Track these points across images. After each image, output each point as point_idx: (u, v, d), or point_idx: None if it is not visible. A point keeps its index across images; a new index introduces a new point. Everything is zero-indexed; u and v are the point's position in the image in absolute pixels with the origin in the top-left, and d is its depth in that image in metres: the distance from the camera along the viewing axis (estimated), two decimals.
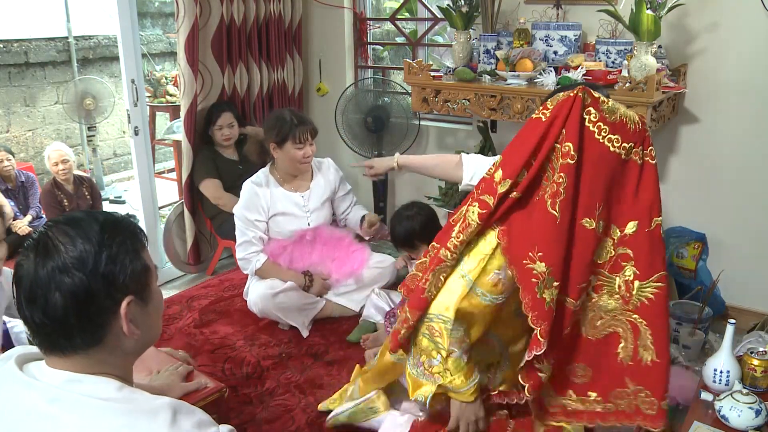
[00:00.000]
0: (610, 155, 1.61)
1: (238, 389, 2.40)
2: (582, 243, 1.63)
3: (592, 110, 1.61)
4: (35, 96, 5.38)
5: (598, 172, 1.62)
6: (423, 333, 1.74)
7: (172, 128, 4.92)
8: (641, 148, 1.64)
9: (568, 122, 1.61)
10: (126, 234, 1.02)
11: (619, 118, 1.62)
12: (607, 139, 1.61)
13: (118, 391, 0.97)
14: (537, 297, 1.60)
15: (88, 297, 0.95)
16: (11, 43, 5.12)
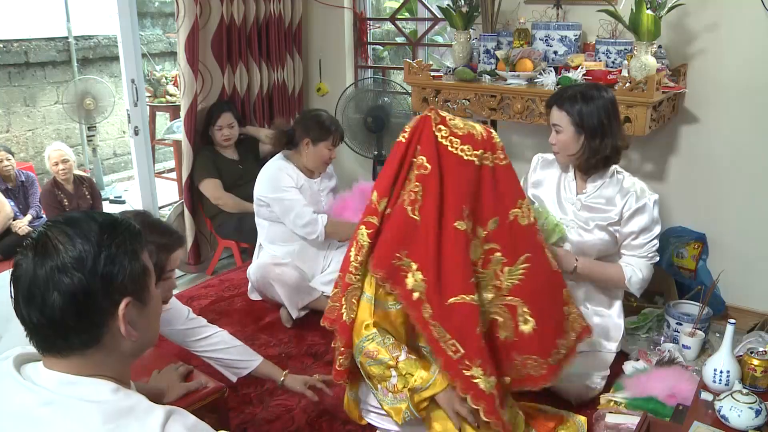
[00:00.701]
0: (466, 163, 1.79)
1: (238, 389, 2.40)
2: (455, 244, 1.77)
3: (442, 127, 1.80)
4: (35, 96, 5.39)
5: (458, 179, 1.79)
6: (366, 363, 1.82)
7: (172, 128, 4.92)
8: (490, 153, 1.81)
9: (422, 139, 1.80)
10: (125, 235, 1.01)
11: (467, 131, 1.81)
12: (460, 149, 1.79)
13: (113, 393, 0.96)
14: (407, 289, 1.76)
15: (86, 297, 0.95)
16: (11, 43, 5.13)
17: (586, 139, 2.18)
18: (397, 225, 1.79)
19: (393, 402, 1.83)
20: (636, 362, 2.38)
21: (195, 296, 3.17)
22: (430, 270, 1.76)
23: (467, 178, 1.79)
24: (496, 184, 1.82)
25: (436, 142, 1.79)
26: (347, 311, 1.85)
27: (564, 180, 2.37)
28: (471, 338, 1.76)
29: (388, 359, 1.79)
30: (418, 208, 1.77)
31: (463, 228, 1.77)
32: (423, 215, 1.77)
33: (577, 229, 2.30)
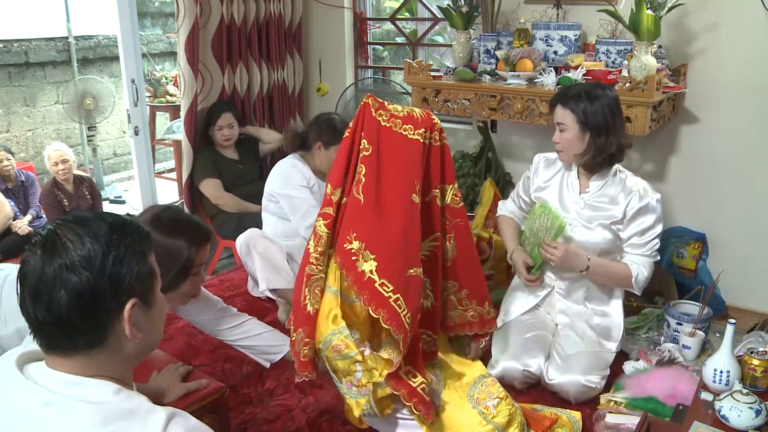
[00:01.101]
0: (412, 141, 1.86)
1: (238, 389, 2.40)
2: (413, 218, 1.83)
3: (382, 111, 1.87)
4: (35, 96, 5.38)
5: (407, 155, 1.85)
6: (332, 357, 1.83)
7: (172, 128, 4.92)
8: (430, 132, 1.88)
9: (364, 125, 1.87)
10: (134, 236, 1.02)
11: (406, 112, 1.89)
12: (403, 129, 1.86)
13: (115, 394, 0.96)
14: (357, 271, 1.78)
15: (93, 296, 0.95)
16: (11, 43, 5.13)
17: (592, 137, 2.19)
18: (349, 209, 1.85)
19: (355, 395, 1.87)
20: (636, 362, 2.38)
21: None
22: (379, 246, 1.79)
23: (414, 154, 1.85)
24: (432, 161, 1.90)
25: (379, 126, 1.86)
26: (311, 302, 1.87)
27: (567, 179, 2.38)
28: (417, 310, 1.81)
29: (355, 354, 1.81)
30: (362, 188, 1.83)
31: (417, 201, 1.84)
32: (366, 194, 1.82)
33: (580, 228, 2.31)
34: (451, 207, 1.97)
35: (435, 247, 1.95)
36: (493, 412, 1.93)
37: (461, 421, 1.93)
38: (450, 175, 1.96)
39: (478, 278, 2.09)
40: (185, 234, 1.68)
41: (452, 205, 1.97)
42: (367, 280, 1.75)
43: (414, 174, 1.85)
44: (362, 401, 1.86)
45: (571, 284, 2.40)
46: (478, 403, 1.95)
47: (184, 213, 1.79)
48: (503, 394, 1.98)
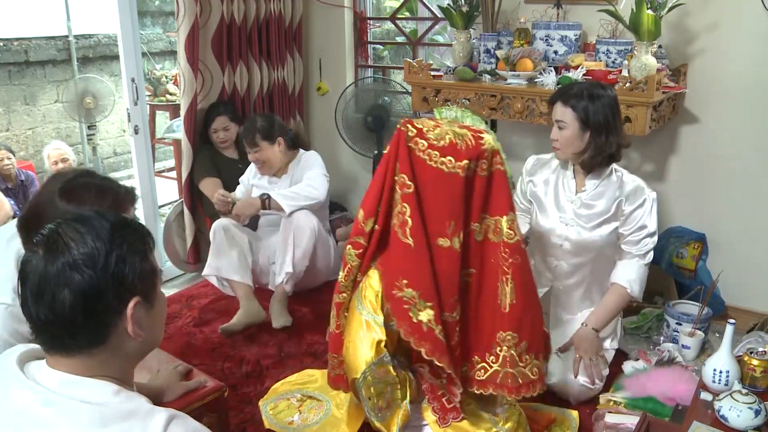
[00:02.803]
0: (448, 176, 1.71)
1: (237, 388, 2.40)
2: (441, 261, 1.73)
3: (418, 140, 1.72)
4: (35, 94, 5.38)
5: (438, 194, 1.72)
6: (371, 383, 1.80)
7: (172, 127, 4.92)
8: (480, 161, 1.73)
9: (399, 156, 1.73)
10: (136, 235, 1.02)
11: (448, 141, 1.71)
12: (440, 162, 1.71)
13: (115, 395, 0.96)
14: (413, 321, 1.71)
15: (96, 295, 0.95)
16: (11, 41, 5.13)
17: (592, 136, 2.19)
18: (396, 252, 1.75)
19: (384, 417, 1.85)
20: (635, 362, 2.38)
21: (194, 295, 3.17)
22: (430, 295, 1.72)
23: (451, 192, 1.72)
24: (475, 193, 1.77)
25: (414, 156, 1.72)
26: (344, 327, 1.90)
27: (562, 179, 2.38)
28: None
29: (393, 377, 1.81)
30: (409, 231, 1.72)
31: (447, 245, 1.72)
32: (414, 236, 1.72)
33: (576, 228, 2.31)
34: (507, 243, 1.78)
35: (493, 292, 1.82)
36: (502, 417, 1.94)
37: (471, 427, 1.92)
38: (501, 205, 1.78)
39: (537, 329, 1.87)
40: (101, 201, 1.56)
41: (507, 240, 1.77)
42: (427, 330, 1.70)
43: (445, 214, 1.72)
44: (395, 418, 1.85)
45: (570, 284, 2.41)
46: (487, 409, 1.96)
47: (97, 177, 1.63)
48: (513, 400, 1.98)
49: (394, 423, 1.85)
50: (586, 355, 2.23)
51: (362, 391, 1.82)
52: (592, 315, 2.29)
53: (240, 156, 3.49)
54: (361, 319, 1.81)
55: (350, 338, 1.84)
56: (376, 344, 1.77)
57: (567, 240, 2.32)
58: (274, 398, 2.27)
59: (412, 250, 1.72)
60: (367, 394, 1.82)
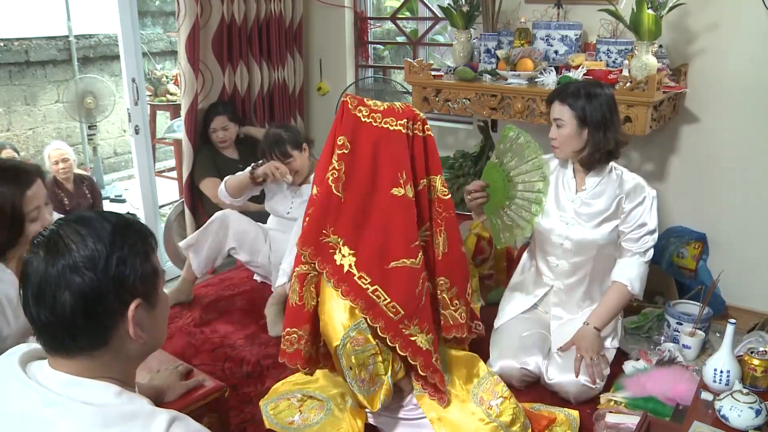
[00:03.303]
0: (394, 133, 1.89)
1: (238, 388, 2.40)
2: (394, 211, 1.86)
3: (361, 108, 1.90)
4: (36, 95, 5.39)
5: (390, 148, 1.88)
6: (350, 352, 1.83)
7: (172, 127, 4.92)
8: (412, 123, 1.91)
9: (342, 122, 1.91)
10: (137, 236, 1.02)
11: (386, 106, 1.93)
12: (384, 122, 1.89)
13: (117, 396, 0.96)
14: (336, 264, 1.83)
15: (97, 297, 0.95)
16: (12, 41, 5.13)
17: (590, 133, 2.20)
18: (322, 203, 1.88)
19: (368, 391, 1.87)
20: (636, 362, 2.38)
21: (195, 295, 3.17)
22: (357, 243, 1.84)
23: (398, 145, 1.88)
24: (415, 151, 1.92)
25: (359, 123, 1.89)
26: (307, 300, 1.93)
27: (562, 178, 2.38)
28: (410, 299, 1.85)
29: (372, 346, 1.84)
30: (342, 186, 1.86)
31: (401, 194, 1.86)
32: (347, 191, 1.86)
33: (577, 227, 2.31)
34: (441, 198, 1.97)
35: (428, 236, 1.96)
36: (497, 411, 1.94)
37: (466, 419, 1.93)
38: (436, 166, 1.97)
39: (465, 276, 2.07)
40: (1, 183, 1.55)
41: (441, 197, 1.97)
42: (346, 273, 1.82)
43: (397, 166, 1.87)
44: (379, 393, 1.87)
45: (570, 284, 2.41)
46: (481, 402, 1.96)
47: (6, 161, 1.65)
48: (507, 394, 1.99)
49: (378, 398, 1.88)
50: (587, 354, 2.23)
51: (343, 359, 1.84)
52: (594, 313, 2.29)
53: (240, 156, 3.49)
54: (330, 290, 1.86)
55: (324, 309, 1.88)
56: (350, 309, 1.83)
57: (568, 239, 2.32)
58: (275, 398, 2.27)
59: (342, 203, 1.86)
60: (348, 363, 1.84)
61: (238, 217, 3.02)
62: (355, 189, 1.87)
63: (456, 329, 2.02)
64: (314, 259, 1.86)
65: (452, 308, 2.02)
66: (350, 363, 1.84)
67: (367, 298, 1.82)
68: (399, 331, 1.84)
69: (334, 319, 1.85)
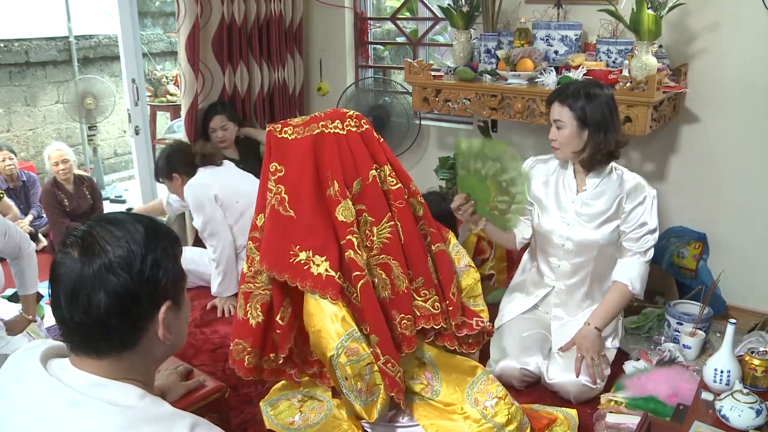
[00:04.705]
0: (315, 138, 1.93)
1: (238, 389, 2.40)
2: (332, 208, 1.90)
3: (286, 129, 1.95)
4: (36, 95, 5.39)
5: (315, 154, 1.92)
6: (345, 363, 1.81)
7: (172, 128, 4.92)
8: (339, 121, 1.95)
9: (271, 150, 1.96)
10: (168, 239, 1.02)
11: (307, 117, 1.98)
12: (308, 130, 1.94)
13: (141, 399, 0.96)
14: (314, 275, 1.84)
15: (131, 298, 0.96)
16: (12, 42, 5.13)
17: (590, 134, 2.20)
18: (275, 228, 1.90)
19: (366, 402, 1.86)
20: (636, 362, 2.38)
21: (195, 296, 3.17)
22: (323, 249, 1.85)
23: (325, 147, 1.92)
24: (351, 147, 1.94)
25: (286, 143, 1.94)
26: (252, 316, 1.97)
27: (563, 179, 2.38)
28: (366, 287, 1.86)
29: (367, 355, 1.81)
30: (288, 204, 1.89)
31: (329, 194, 1.89)
32: (295, 208, 1.89)
33: (578, 227, 2.31)
34: (390, 189, 1.97)
35: (392, 227, 1.95)
36: (491, 411, 1.94)
37: (459, 423, 1.93)
38: (380, 157, 1.98)
39: (434, 266, 2.02)
40: None
41: (390, 187, 1.97)
42: (326, 278, 1.83)
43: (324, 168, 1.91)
44: (376, 403, 1.86)
45: (571, 284, 2.41)
46: (476, 403, 1.96)
47: None
48: (502, 393, 1.98)
49: (374, 409, 1.87)
50: (588, 354, 2.23)
51: (338, 370, 1.83)
52: (594, 313, 2.29)
53: (240, 156, 3.49)
54: (318, 303, 1.85)
55: (313, 323, 1.86)
56: (341, 319, 1.83)
57: (569, 240, 2.32)
58: (275, 398, 2.27)
59: (295, 220, 1.88)
60: (343, 374, 1.83)
61: None
62: (301, 202, 1.89)
63: (425, 320, 1.95)
64: (294, 281, 1.85)
65: (420, 298, 1.96)
66: (345, 373, 1.82)
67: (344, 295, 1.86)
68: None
69: (325, 331, 1.83)
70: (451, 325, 1.99)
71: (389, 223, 1.94)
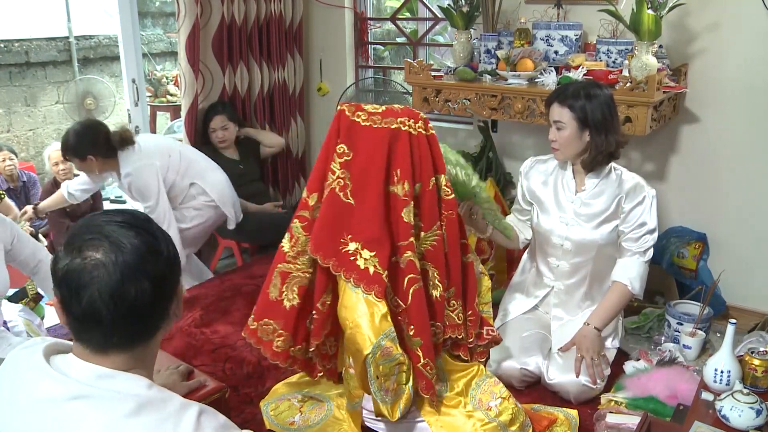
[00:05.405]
0: (392, 132, 1.89)
1: (239, 389, 2.40)
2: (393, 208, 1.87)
3: (359, 113, 1.91)
4: (36, 96, 5.39)
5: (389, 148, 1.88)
6: (380, 362, 1.79)
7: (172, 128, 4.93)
8: (413, 121, 1.90)
9: (341, 130, 1.91)
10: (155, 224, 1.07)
11: (385, 107, 1.94)
12: (384, 122, 1.89)
13: (149, 388, 0.98)
14: (360, 269, 1.83)
15: (166, 281, 1.01)
16: (12, 42, 5.13)
17: (591, 135, 2.19)
18: (332, 213, 1.87)
19: (389, 399, 1.84)
20: (637, 362, 2.38)
21: (196, 296, 3.17)
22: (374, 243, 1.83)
23: (398, 143, 1.88)
24: (420, 150, 1.91)
25: (358, 127, 1.89)
26: (287, 298, 1.94)
27: (562, 179, 2.38)
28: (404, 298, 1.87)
29: (399, 355, 1.80)
30: (350, 192, 1.86)
31: (395, 191, 1.87)
32: (356, 197, 1.86)
33: (577, 227, 2.31)
34: (444, 198, 1.97)
35: (439, 235, 1.94)
36: (496, 411, 1.94)
37: (464, 421, 1.93)
38: (440, 164, 1.97)
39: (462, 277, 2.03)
40: None
41: (444, 197, 1.96)
42: (374, 274, 1.81)
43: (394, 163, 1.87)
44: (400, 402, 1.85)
45: (571, 284, 2.41)
46: (480, 404, 1.96)
47: None
48: (506, 394, 1.99)
49: (397, 407, 1.86)
50: (587, 354, 2.23)
51: (371, 368, 1.80)
52: (594, 313, 2.29)
53: (240, 157, 3.49)
54: (359, 297, 1.82)
55: (350, 318, 1.82)
56: (381, 317, 1.80)
57: (568, 239, 2.32)
58: (275, 399, 2.27)
59: (354, 209, 1.86)
60: (375, 373, 1.81)
61: None
62: (364, 192, 1.86)
63: (452, 329, 1.98)
64: (339, 270, 1.83)
65: (449, 308, 1.99)
66: (377, 372, 1.80)
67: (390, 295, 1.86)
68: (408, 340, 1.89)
69: (363, 327, 1.79)
70: (470, 335, 2.01)
71: (437, 232, 1.93)
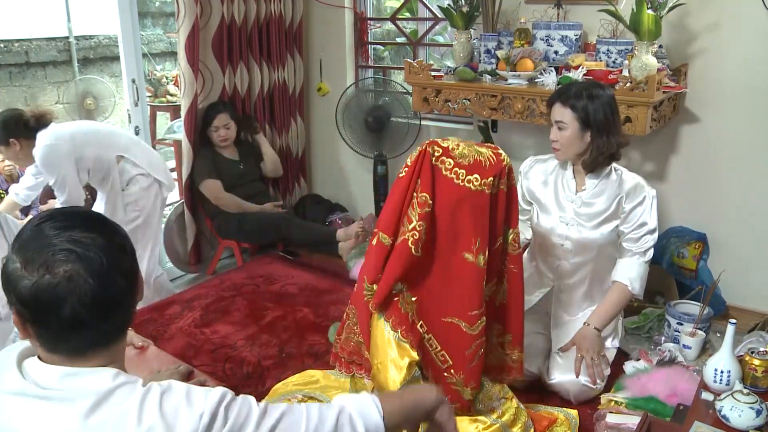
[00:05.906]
0: (475, 194, 1.76)
1: (238, 389, 2.40)
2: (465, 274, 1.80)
3: (445, 159, 1.76)
4: (36, 96, 5.39)
5: (465, 211, 1.77)
6: None
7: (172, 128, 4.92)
8: (497, 179, 1.78)
9: (422, 174, 1.77)
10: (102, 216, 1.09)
11: (473, 159, 1.77)
12: (467, 180, 1.76)
13: (114, 378, 0.98)
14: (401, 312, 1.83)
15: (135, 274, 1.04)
16: (12, 42, 5.13)
17: (593, 136, 2.19)
18: (401, 264, 1.80)
19: None
20: (637, 362, 2.38)
21: (196, 296, 3.17)
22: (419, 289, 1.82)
23: (479, 209, 1.77)
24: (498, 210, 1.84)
25: (439, 176, 1.77)
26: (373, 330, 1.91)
27: (562, 179, 2.37)
28: (459, 355, 1.84)
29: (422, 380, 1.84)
30: (422, 245, 1.78)
31: (471, 260, 1.79)
32: (424, 250, 1.80)
33: (577, 227, 2.31)
34: (510, 254, 1.92)
35: (495, 286, 1.95)
36: (498, 412, 1.95)
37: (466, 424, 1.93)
38: (515, 217, 1.89)
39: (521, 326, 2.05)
40: None
41: (511, 252, 1.91)
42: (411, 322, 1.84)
43: (474, 231, 1.78)
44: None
45: (571, 283, 2.41)
46: (484, 406, 1.96)
47: None
48: (509, 395, 2.00)
49: None
50: (587, 354, 2.23)
51: None
52: (594, 313, 2.29)
53: (240, 157, 3.49)
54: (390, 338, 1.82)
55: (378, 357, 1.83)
56: (407, 366, 1.79)
57: (568, 239, 2.32)
58: (275, 399, 2.27)
59: (419, 262, 1.81)
60: None
61: None
62: (433, 249, 1.82)
63: (508, 371, 2.04)
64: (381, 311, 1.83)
65: (503, 350, 2.03)
66: None
67: (422, 346, 1.85)
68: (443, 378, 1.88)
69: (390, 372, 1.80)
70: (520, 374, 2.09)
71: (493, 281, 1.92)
